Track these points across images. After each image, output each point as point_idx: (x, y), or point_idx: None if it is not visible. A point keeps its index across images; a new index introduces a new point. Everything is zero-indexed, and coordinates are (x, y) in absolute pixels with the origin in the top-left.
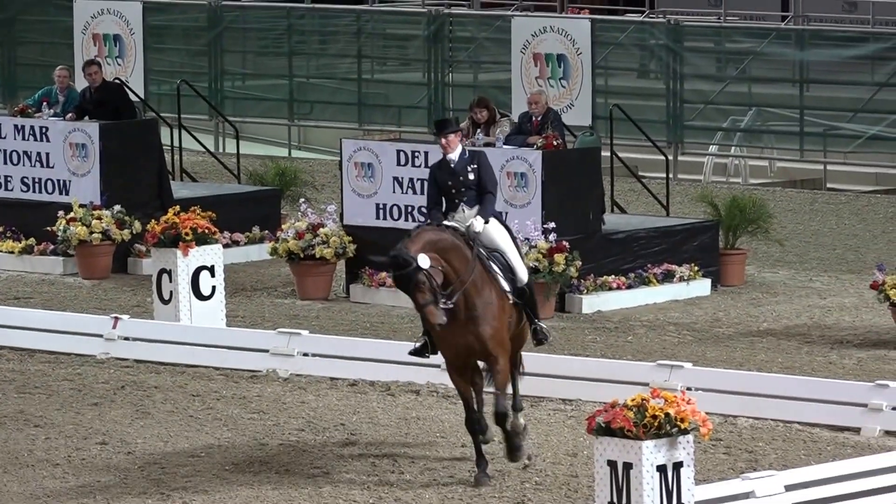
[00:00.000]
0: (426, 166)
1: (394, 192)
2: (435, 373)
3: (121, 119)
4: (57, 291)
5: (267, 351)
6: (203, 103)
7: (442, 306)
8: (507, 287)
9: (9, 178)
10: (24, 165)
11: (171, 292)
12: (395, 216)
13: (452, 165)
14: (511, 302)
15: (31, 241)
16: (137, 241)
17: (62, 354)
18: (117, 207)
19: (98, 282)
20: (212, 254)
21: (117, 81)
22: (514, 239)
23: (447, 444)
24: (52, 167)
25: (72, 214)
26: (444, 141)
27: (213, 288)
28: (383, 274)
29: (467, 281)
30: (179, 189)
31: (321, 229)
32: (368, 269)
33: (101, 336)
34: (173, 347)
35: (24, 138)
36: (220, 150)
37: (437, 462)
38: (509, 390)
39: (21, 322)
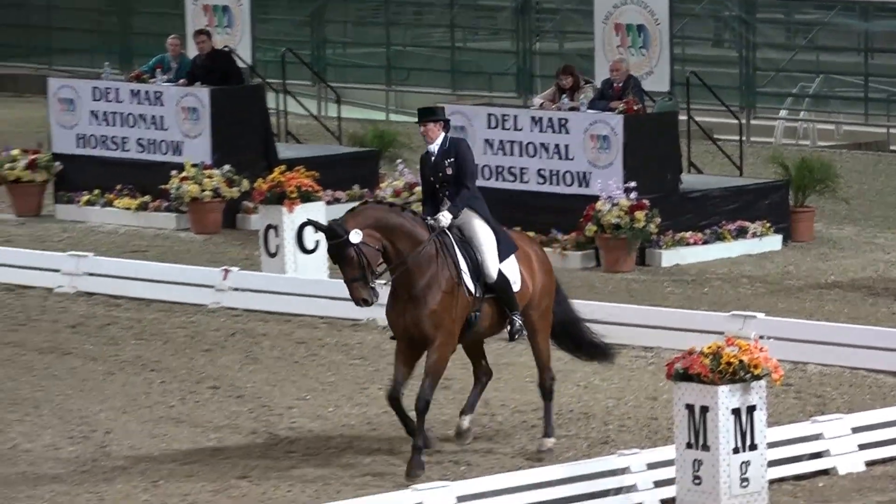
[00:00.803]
0: (515, 129)
1: (484, 153)
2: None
3: (229, 85)
4: (171, 245)
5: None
6: (306, 70)
7: (371, 285)
8: (466, 278)
9: (126, 140)
10: (139, 128)
11: (277, 246)
12: (486, 175)
13: (433, 158)
14: (475, 294)
15: (147, 198)
16: (246, 199)
17: (176, 304)
18: (227, 167)
19: (209, 236)
20: (315, 210)
21: (226, 49)
22: (496, 233)
23: (535, 389)
24: (166, 129)
25: (184, 173)
26: (422, 129)
27: (317, 242)
28: None
29: (409, 263)
30: (285, 150)
31: (417, 187)
32: None
33: (212, 287)
34: (280, 298)
35: (139, 102)
36: (323, 114)
37: (526, 405)
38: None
39: (138, 274)
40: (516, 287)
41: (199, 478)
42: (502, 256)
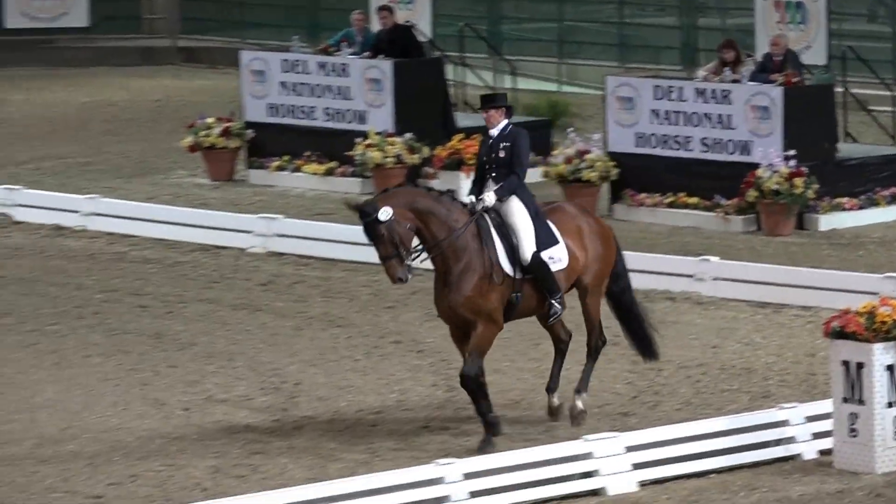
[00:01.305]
0: (680, 100)
1: (651, 122)
2: (688, 282)
3: (410, 58)
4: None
5: None
6: (483, 43)
7: (406, 262)
8: (503, 260)
9: (313, 109)
10: (326, 98)
11: None
12: (653, 144)
13: (490, 142)
14: (513, 276)
15: (333, 164)
16: (426, 165)
17: (361, 263)
18: (408, 135)
19: None
20: None
21: (407, 24)
22: (537, 220)
23: (699, 346)
24: (352, 99)
25: (368, 141)
26: (484, 115)
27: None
28: (643, 195)
29: (445, 246)
30: (463, 119)
31: (587, 155)
32: (630, 190)
33: None
34: None
35: (326, 74)
36: (498, 85)
37: (690, 361)
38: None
39: (325, 235)
40: (561, 265)
41: (382, 428)
42: (543, 244)
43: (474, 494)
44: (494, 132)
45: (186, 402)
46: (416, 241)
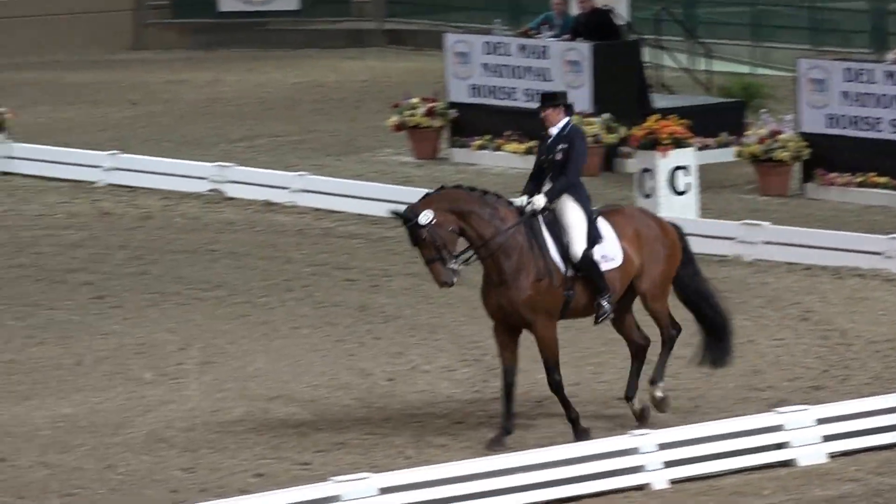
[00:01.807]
0: (870, 82)
1: (841, 104)
2: (877, 259)
3: (608, 40)
4: None
5: (733, 239)
6: (679, 26)
7: (451, 266)
8: (556, 258)
9: (514, 90)
10: (526, 79)
11: (651, 188)
12: (844, 125)
13: (548, 141)
14: (565, 274)
15: (533, 143)
16: (623, 145)
17: None
18: (606, 115)
19: (589, 179)
20: (686, 155)
21: (606, 8)
22: (589, 214)
23: (888, 322)
24: (551, 81)
25: None
26: (542, 114)
27: (688, 185)
28: (834, 174)
29: (493, 245)
30: (659, 100)
31: (780, 135)
32: (821, 170)
33: None
34: None
35: (526, 56)
36: (693, 67)
37: (879, 337)
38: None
39: None
40: (615, 263)
41: (579, 398)
42: (594, 242)
43: (668, 464)
44: (553, 131)
45: (391, 373)
46: (462, 244)
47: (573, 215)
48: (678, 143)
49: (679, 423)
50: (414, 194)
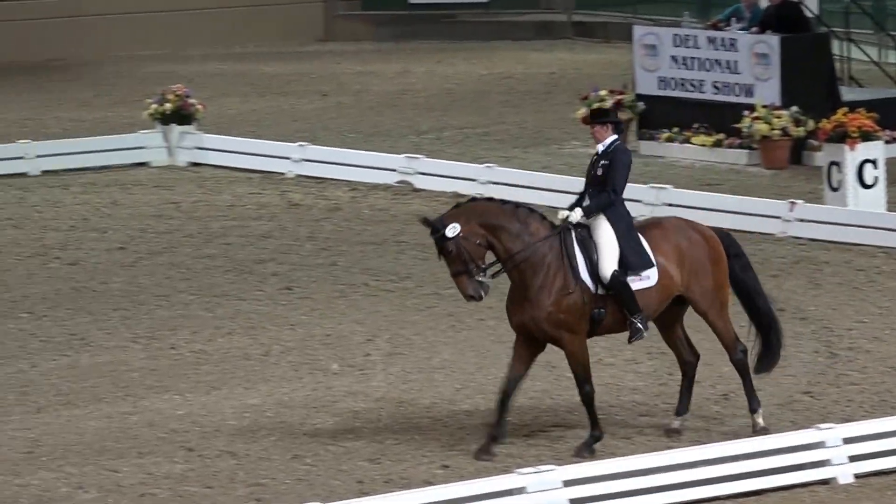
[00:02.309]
0: None
1: None
2: None
3: (797, 33)
4: (741, 179)
5: None
6: (869, 19)
7: (478, 279)
8: (584, 275)
9: (702, 83)
10: (715, 72)
11: (839, 181)
12: None
13: (595, 157)
14: (594, 292)
15: (721, 135)
16: (811, 138)
17: (744, 232)
18: (794, 108)
19: (777, 171)
20: (875, 149)
21: (795, 0)
22: (627, 236)
23: None
24: (739, 73)
25: (755, 113)
26: (591, 130)
27: (876, 178)
28: None
29: (519, 260)
30: (847, 93)
31: None
32: None
33: (779, 218)
34: (841, 229)
35: (715, 49)
36: (883, 60)
37: None
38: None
39: (712, 205)
40: (649, 283)
41: (763, 392)
42: (629, 264)
43: (854, 459)
44: (600, 148)
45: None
46: (490, 257)
47: (605, 235)
48: (866, 137)
49: (865, 417)
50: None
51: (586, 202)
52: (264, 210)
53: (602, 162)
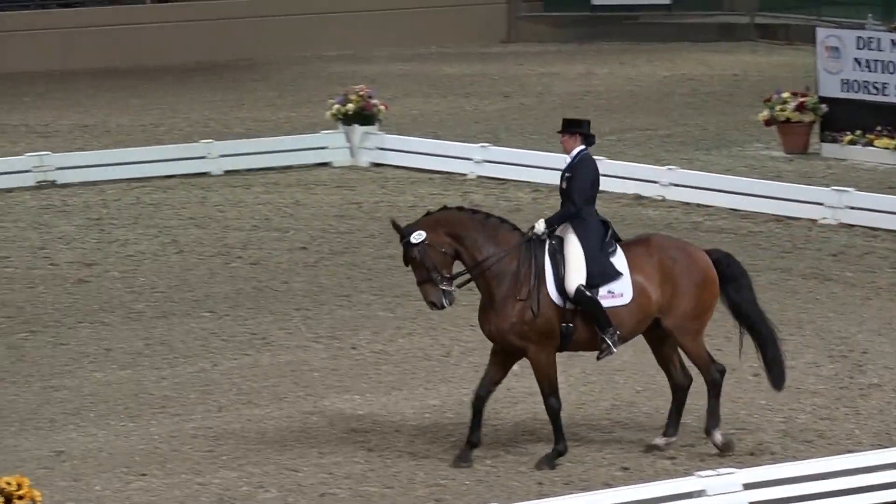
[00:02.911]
0: None
1: None
2: None
3: None
4: None
5: None
6: None
7: (443, 287)
8: (551, 288)
9: (885, 85)
10: None
11: None
12: None
13: (563, 169)
14: (561, 306)
15: None
16: None
17: None
18: None
19: None
20: None
21: None
22: (595, 251)
23: None
24: None
25: None
26: (561, 140)
27: None
28: None
29: (485, 269)
30: None
31: None
32: None
33: None
34: None
35: None
36: None
37: None
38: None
39: (895, 208)
40: (622, 300)
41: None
42: (597, 277)
43: None
44: (567, 159)
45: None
46: (459, 266)
47: (573, 249)
48: None
49: None
50: (783, 189)
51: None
52: None
53: (566, 174)
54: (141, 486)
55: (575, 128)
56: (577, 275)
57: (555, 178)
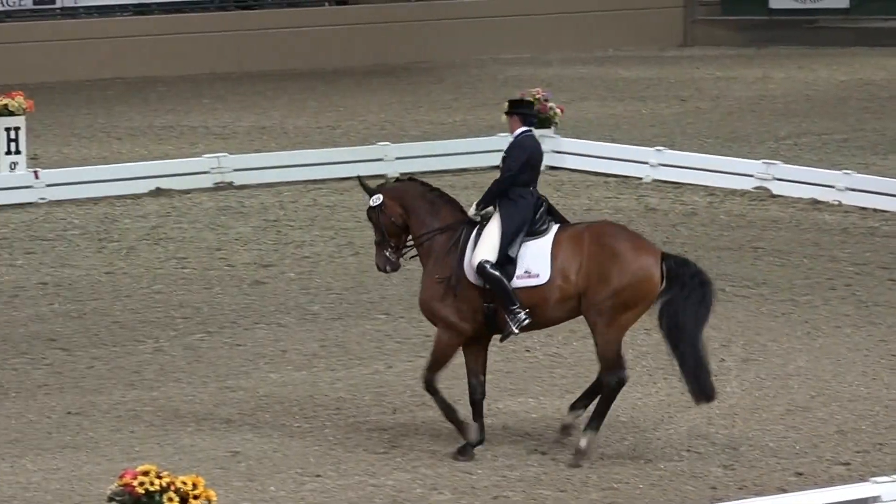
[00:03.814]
0: None
1: None
2: None
3: None
4: None
5: None
6: None
7: (386, 253)
8: (467, 267)
9: None
10: None
11: None
12: None
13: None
14: (481, 286)
15: None
16: None
17: None
18: None
19: None
20: None
21: None
22: (510, 231)
23: None
24: None
25: None
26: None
27: None
28: None
29: (420, 243)
30: None
31: None
32: None
33: None
34: None
35: None
36: None
37: None
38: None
39: None
40: (536, 281)
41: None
42: (506, 260)
43: None
44: (509, 140)
45: None
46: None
47: (491, 227)
48: None
49: None
50: None
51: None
52: (621, 214)
53: (504, 155)
54: (315, 487)
55: (516, 109)
56: (483, 251)
57: (732, 183)
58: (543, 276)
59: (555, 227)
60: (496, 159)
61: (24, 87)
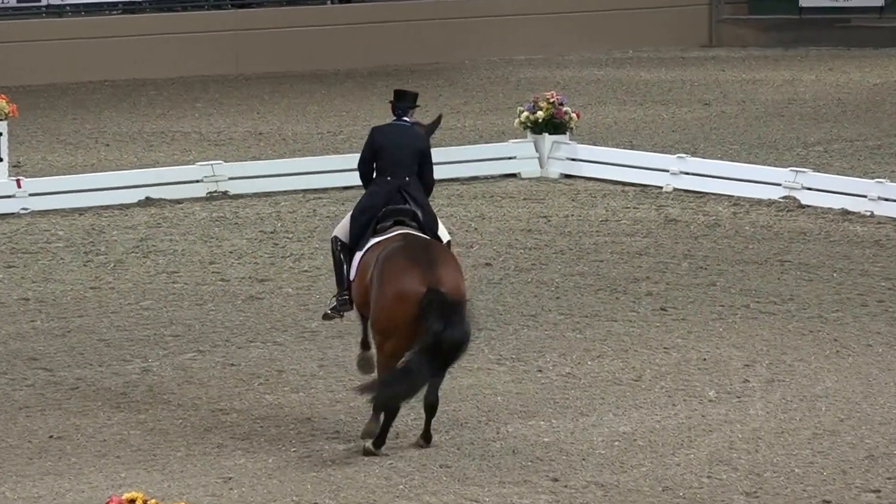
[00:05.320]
0: None
1: None
2: None
3: None
4: None
5: None
6: None
7: None
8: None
9: None
10: None
11: None
12: None
13: None
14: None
15: None
16: None
17: None
18: None
19: None
20: None
21: None
22: (354, 212)
23: None
24: None
25: None
26: None
27: None
28: None
29: None
30: None
31: None
32: None
33: None
34: None
35: None
36: None
37: None
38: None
39: None
40: (352, 274)
41: None
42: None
43: None
44: None
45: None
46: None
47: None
48: None
49: None
50: None
51: None
52: (639, 225)
53: None
54: None
55: (395, 100)
56: (339, 228)
57: (757, 192)
58: (352, 273)
59: (379, 238)
60: (509, 167)
61: (7, 90)
